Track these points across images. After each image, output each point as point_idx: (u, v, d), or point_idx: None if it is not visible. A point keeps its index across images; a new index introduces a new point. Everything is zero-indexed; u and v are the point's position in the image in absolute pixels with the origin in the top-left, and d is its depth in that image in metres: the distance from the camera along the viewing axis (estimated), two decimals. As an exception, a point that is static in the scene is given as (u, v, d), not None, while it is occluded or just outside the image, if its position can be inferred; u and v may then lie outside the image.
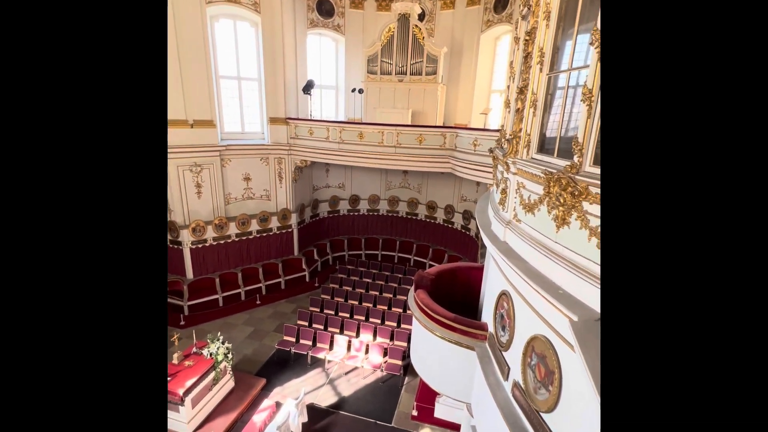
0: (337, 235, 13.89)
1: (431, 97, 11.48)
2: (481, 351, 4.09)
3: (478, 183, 10.92)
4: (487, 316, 4.23)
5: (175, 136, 9.10)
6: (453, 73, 12.13)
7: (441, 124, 11.63)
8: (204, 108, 9.56)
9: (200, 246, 10.29)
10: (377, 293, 10.51)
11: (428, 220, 13.43)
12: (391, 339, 8.63)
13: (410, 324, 6.46)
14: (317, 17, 11.85)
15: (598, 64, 2.31)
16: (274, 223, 11.55)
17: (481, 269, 5.33)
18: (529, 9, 3.47)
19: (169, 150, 8.80)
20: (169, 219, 9.86)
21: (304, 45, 11.65)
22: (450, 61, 11.95)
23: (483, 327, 4.20)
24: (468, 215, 12.10)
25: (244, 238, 11.10)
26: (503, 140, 4.37)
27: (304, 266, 11.88)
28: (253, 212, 11.18)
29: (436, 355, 4.60)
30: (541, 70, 3.20)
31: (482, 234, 4.02)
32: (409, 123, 11.15)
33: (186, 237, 10.01)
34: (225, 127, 10.54)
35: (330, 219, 13.76)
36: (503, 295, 3.59)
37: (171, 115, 8.93)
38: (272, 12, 10.04)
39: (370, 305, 9.93)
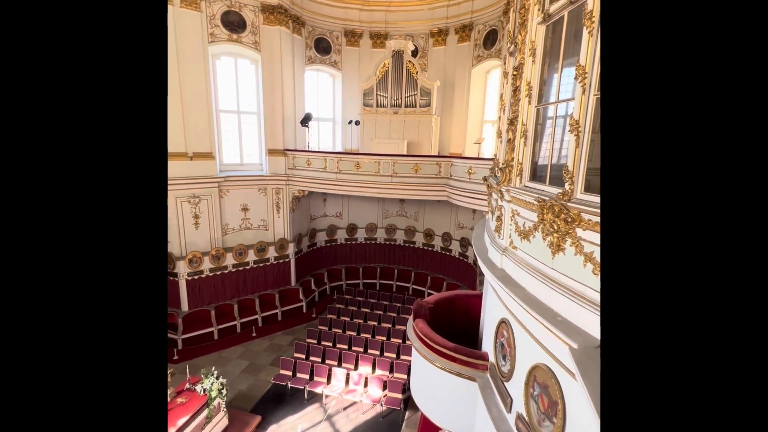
0: (334, 264, 13.79)
1: (426, 127, 11.79)
2: (482, 382, 4.00)
3: (474, 210, 11.01)
4: (488, 345, 4.17)
5: (174, 168, 9.24)
6: (446, 105, 12.51)
7: (436, 154, 11.86)
8: (204, 141, 9.77)
9: (196, 277, 10.18)
10: (375, 323, 10.31)
11: (426, 248, 13.41)
12: (391, 371, 8.39)
13: (410, 355, 6.31)
14: (315, 54, 12.35)
15: (583, 97, 2.42)
16: (271, 253, 11.50)
17: (480, 297, 5.29)
18: (515, 46, 3.67)
19: (168, 182, 8.89)
20: (165, 250, 9.79)
21: (303, 80, 12.07)
22: (443, 94, 12.37)
23: (484, 357, 4.13)
24: (465, 242, 12.11)
25: (241, 268, 11.00)
26: (497, 169, 4.48)
27: (301, 296, 11.72)
28: (251, 242, 11.15)
29: (437, 386, 4.48)
30: (529, 102, 3.33)
31: (479, 261, 4.04)
32: (405, 153, 11.38)
33: (182, 268, 9.92)
34: (224, 158, 10.70)
35: (327, 248, 13.71)
36: (503, 323, 3.56)
37: (171, 148, 9.09)
38: (272, 50, 10.48)
39: (369, 336, 9.71)
